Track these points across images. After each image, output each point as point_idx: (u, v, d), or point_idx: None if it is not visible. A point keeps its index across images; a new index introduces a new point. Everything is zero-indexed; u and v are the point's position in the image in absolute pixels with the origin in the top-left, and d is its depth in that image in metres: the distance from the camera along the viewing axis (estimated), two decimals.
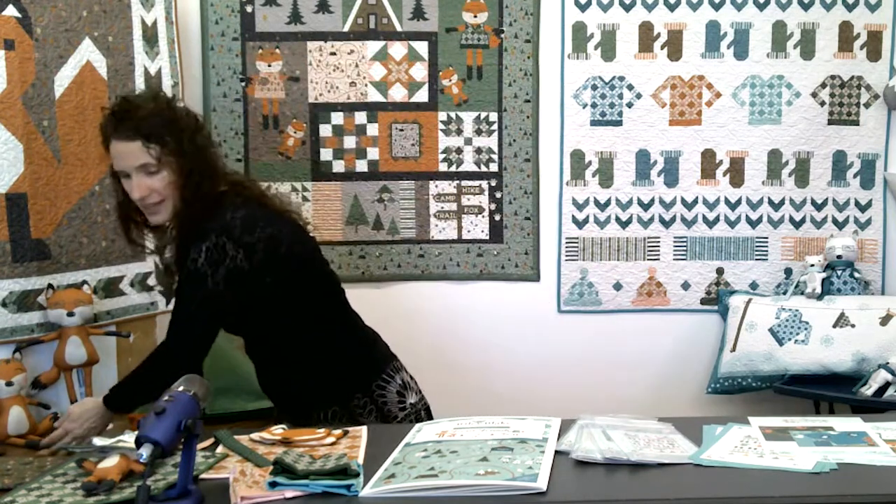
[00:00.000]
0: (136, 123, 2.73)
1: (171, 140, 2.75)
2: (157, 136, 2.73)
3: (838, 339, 4.25)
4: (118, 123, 2.75)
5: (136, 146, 2.71)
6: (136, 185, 2.74)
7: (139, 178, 2.73)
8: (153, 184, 2.74)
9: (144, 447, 1.89)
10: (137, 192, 2.74)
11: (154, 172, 2.73)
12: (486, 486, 1.97)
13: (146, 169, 2.72)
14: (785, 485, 2.02)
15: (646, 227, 4.61)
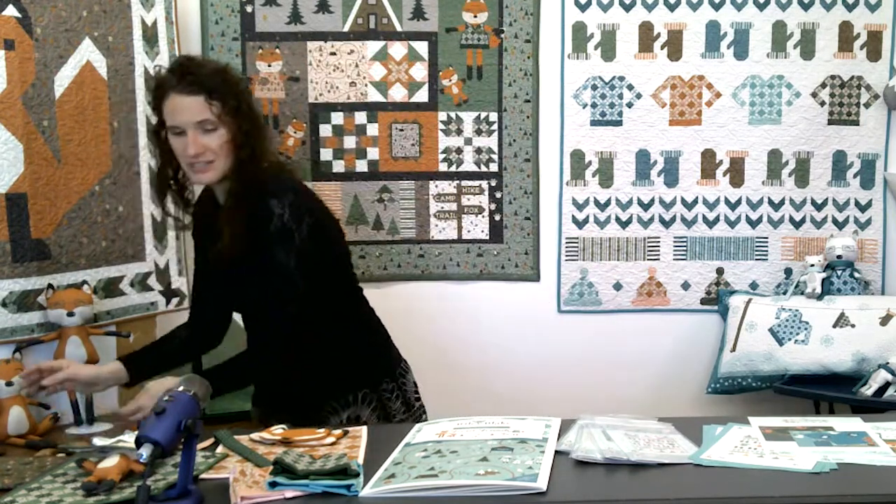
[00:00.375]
0: (200, 78, 2.71)
1: (232, 99, 2.73)
2: (220, 94, 2.71)
3: (838, 339, 4.26)
4: (182, 77, 2.71)
5: (199, 101, 2.69)
6: (191, 140, 2.70)
7: (195, 134, 2.70)
8: (209, 141, 2.71)
9: (144, 447, 1.89)
10: (193, 148, 2.70)
11: (210, 130, 2.70)
12: (486, 486, 1.97)
13: (203, 126, 2.70)
14: (785, 485, 2.02)
15: (646, 227, 4.61)
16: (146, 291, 4.06)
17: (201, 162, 2.73)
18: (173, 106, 2.71)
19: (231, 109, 2.72)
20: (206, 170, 2.74)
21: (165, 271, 4.15)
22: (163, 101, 2.75)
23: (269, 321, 2.82)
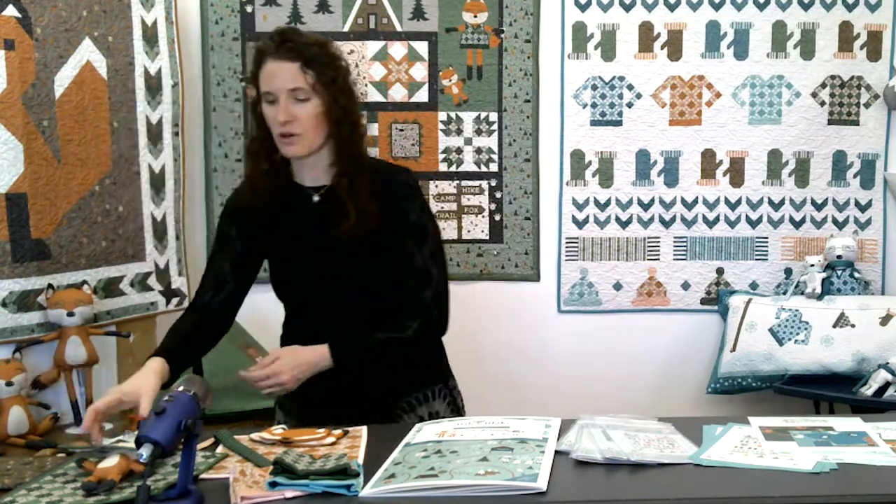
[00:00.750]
0: (298, 46, 2.64)
1: (329, 71, 2.65)
2: (316, 64, 2.63)
3: (838, 339, 4.26)
4: (280, 44, 2.64)
5: (294, 68, 2.61)
6: (282, 107, 2.61)
7: (286, 102, 2.62)
8: (298, 112, 2.62)
9: (144, 447, 1.88)
10: (282, 114, 2.61)
11: (303, 100, 2.62)
12: (486, 486, 1.96)
13: (296, 94, 2.61)
14: (785, 485, 2.01)
15: (646, 227, 4.61)
16: (146, 291, 4.07)
17: (287, 133, 2.64)
18: (268, 72, 2.63)
19: (327, 81, 2.64)
20: (292, 142, 2.64)
21: (165, 271, 4.16)
22: (259, 68, 2.67)
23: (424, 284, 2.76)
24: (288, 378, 2.58)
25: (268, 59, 2.63)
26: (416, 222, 2.75)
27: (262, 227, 2.78)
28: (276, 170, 2.75)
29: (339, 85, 2.67)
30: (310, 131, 2.64)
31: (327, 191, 2.73)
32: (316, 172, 2.74)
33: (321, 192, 2.74)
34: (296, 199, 2.76)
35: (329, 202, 2.71)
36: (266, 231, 2.78)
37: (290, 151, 2.66)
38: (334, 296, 2.72)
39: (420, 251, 2.74)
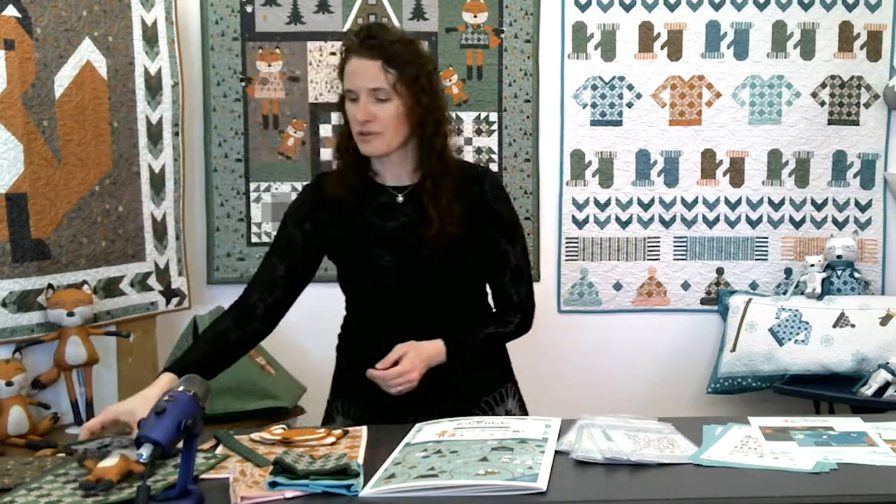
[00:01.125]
0: (381, 44, 2.60)
1: (412, 70, 2.62)
2: (399, 62, 2.59)
3: (838, 339, 4.26)
4: (364, 40, 2.61)
5: (375, 66, 2.58)
6: (361, 106, 2.58)
7: (367, 101, 2.59)
8: (378, 111, 2.59)
9: (144, 447, 1.88)
10: (362, 113, 2.58)
11: (383, 100, 2.59)
12: (486, 486, 1.97)
13: (377, 94, 2.59)
14: (785, 485, 2.02)
15: (646, 227, 4.61)
16: (146, 291, 4.07)
17: (365, 132, 2.61)
18: (352, 69, 2.61)
19: (409, 80, 2.60)
20: (372, 140, 2.62)
21: (165, 271, 4.16)
22: (344, 65, 2.65)
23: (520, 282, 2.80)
24: (417, 374, 2.56)
25: (351, 56, 2.61)
26: (511, 222, 2.79)
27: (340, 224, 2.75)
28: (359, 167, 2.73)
29: (422, 84, 2.63)
30: (389, 131, 2.62)
31: (412, 191, 2.72)
32: (399, 173, 2.73)
33: (405, 192, 2.72)
34: (379, 198, 2.74)
35: (414, 203, 2.70)
36: (345, 229, 2.75)
37: (367, 149, 2.64)
38: (412, 296, 2.71)
39: (514, 250, 2.78)
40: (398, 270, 2.68)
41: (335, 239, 2.75)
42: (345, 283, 2.83)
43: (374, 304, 2.78)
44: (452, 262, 2.68)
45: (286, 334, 4.59)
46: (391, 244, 2.69)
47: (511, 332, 2.79)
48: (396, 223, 2.70)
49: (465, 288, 2.78)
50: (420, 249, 2.65)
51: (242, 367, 3.87)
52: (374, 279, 2.72)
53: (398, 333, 2.65)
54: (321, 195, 2.78)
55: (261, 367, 4.03)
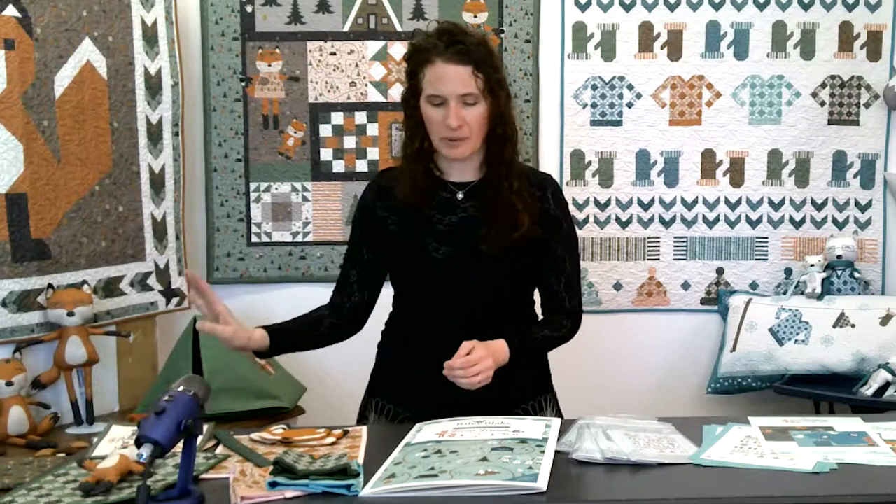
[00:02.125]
0: (468, 48, 2.59)
1: (496, 74, 2.62)
2: (486, 66, 2.59)
3: (838, 339, 4.26)
4: (450, 45, 2.59)
5: (466, 72, 2.56)
6: (454, 112, 2.55)
7: (457, 106, 2.57)
8: (468, 115, 2.58)
9: (144, 447, 1.89)
10: (455, 119, 2.56)
11: (471, 104, 2.58)
12: (486, 486, 1.97)
13: (466, 99, 2.58)
14: (785, 485, 2.02)
15: (646, 227, 4.61)
16: (146, 291, 4.08)
17: (456, 137, 2.60)
18: (438, 74, 2.58)
19: (494, 84, 2.61)
20: (460, 145, 2.61)
21: (165, 271, 4.17)
22: (424, 68, 2.62)
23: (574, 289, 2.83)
24: (493, 365, 2.53)
25: (436, 59, 2.59)
26: (569, 230, 2.83)
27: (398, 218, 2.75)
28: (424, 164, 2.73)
29: (504, 86, 2.66)
30: (476, 133, 2.62)
31: (473, 188, 2.72)
32: (464, 169, 2.73)
33: (467, 189, 2.72)
34: (440, 193, 2.73)
35: (474, 200, 2.70)
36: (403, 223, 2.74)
37: (455, 153, 2.63)
38: (463, 292, 2.69)
39: (571, 258, 2.82)
40: (452, 264, 2.67)
41: (393, 233, 2.74)
42: (397, 277, 2.83)
43: (424, 298, 2.77)
44: (507, 260, 2.66)
45: None
46: (447, 238, 2.68)
47: (563, 336, 2.80)
48: (455, 218, 2.69)
49: (515, 289, 2.77)
50: (476, 245, 2.64)
51: (242, 367, 3.88)
52: (427, 271, 2.71)
53: (445, 332, 2.64)
54: (380, 192, 2.80)
55: (261, 367, 4.03)
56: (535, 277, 2.79)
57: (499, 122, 2.65)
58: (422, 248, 2.68)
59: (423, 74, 2.62)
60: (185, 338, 3.94)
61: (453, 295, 2.69)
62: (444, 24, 2.68)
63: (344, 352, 4.65)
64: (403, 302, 2.85)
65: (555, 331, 2.77)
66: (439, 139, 2.62)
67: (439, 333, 2.66)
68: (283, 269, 4.57)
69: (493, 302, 2.71)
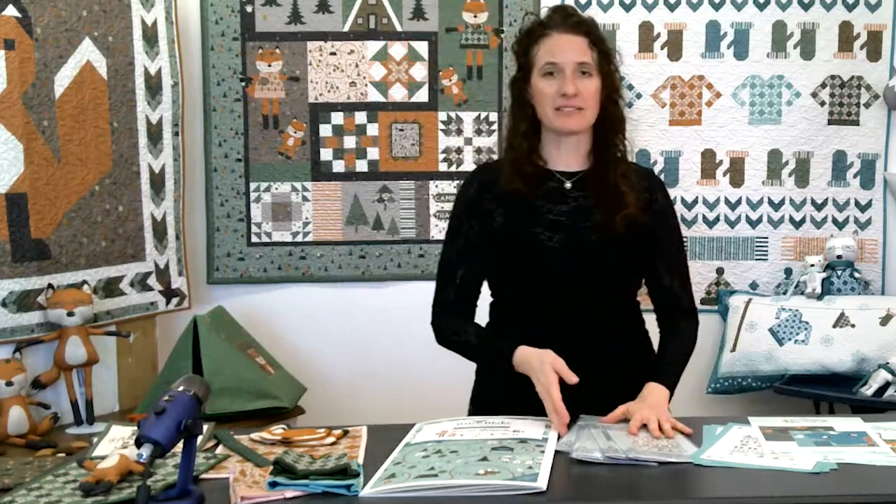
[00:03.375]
0: (583, 20, 2.63)
1: (608, 50, 2.64)
2: (600, 41, 2.62)
3: (838, 339, 4.27)
4: (566, 17, 2.61)
5: (583, 42, 2.58)
6: (570, 79, 2.54)
7: (573, 75, 2.56)
8: (584, 85, 2.57)
9: (144, 447, 1.88)
10: (570, 87, 2.55)
11: (586, 74, 2.58)
12: (486, 486, 1.97)
13: (581, 68, 2.57)
14: (785, 485, 2.02)
15: None
16: (146, 291, 4.09)
17: (571, 106, 2.58)
18: (553, 44, 2.58)
19: (607, 60, 2.62)
20: (575, 115, 2.58)
21: (165, 271, 4.18)
22: (537, 42, 2.61)
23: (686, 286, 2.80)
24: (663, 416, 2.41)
25: (551, 31, 2.60)
26: (677, 226, 2.78)
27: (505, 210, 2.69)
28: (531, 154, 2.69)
29: (614, 63, 2.66)
30: (591, 107, 2.61)
31: (581, 178, 2.69)
32: (571, 159, 2.70)
33: (575, 178, 2.68)
34: (547, 183, 2.69)
35: (583, 189, 2.67)
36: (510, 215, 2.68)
37: (568, 124, 2.61)
38: (574, 282, 2.63)
39: (680, 254, 2.78)
40: (564, 251, 2.61)
41: (500, 225, 2.67)
42: (503, 272, 2.73)
43: (535, 290, 2.67)
44: (619, 250, 2.62)
45: (286, 334, 4.61)
46: (558, 226, 2.63)
47: (692, 344, 2.79)
48: (565, 207, 2.65)
49: (624, 282, 2.72)
50: (588, 233, 2.61)
51: (242, 367, 3.90)
52: (539, 260, 2.63)
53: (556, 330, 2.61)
54: (483, 186, 2.73)
55: (261, 367, 4.04)
56: (644, 270, 2.74)
57: (611, 100, 2.65)
58: (533, 237, 2.62)
59: (536, 48, 2.61)
60: (184, 338, 3.93)
61: (567, 285, 2.62)
62: (557, 5, 2.71)
63: (343, 352, 4.69)
64: (506, 303, 2.78)
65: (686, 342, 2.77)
66: (553, 111, 2.59)
67: (550, 332, 2.62)
68: (283, 269, 4.58)
69: (602, 294, 2.66)
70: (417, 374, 4.55)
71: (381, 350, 4.61)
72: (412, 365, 4.56)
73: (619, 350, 2.67)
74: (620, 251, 2.62)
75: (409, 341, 4.57)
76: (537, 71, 2.61)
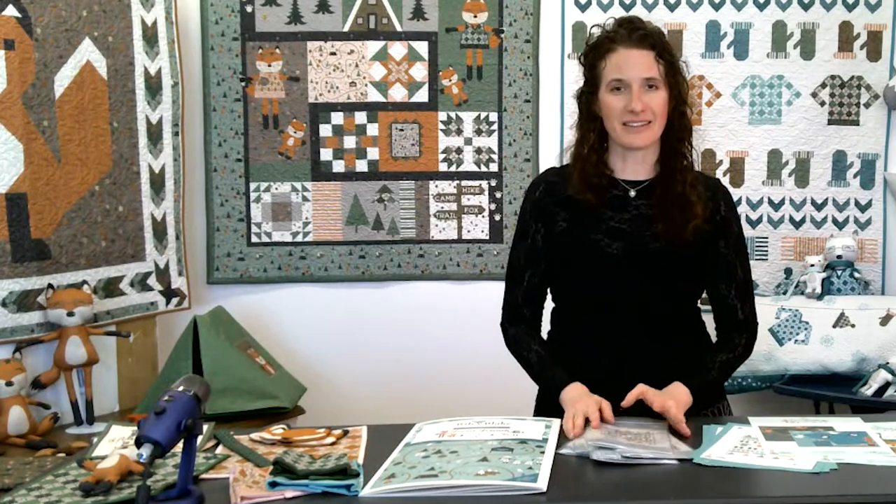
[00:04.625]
0: (649, 34, 2.63)
1: (675, 62, 2.65)
2: (667, 53, 2.62)
3: (838, 339, 4.27)
4: (631, 32, 2.62)
5: (650, 57, 2.59)
6: (636, 95, 2.56)
7: (640, 89, 2.58)
8: (651, 99, 2.58)
9: (144, 447, 1.89)
10: (638, 103, 2.56)
11: (653, 88, 2.59)
12: (486, 487, 1.98)
13: (648, 83, 2.59)
14: (785, 485, 2.03)
15: None
16: (146, 291, 4.09)
17: (640, 121, 2.59)
18: (620, 59, 2.61)
19: (674, 72, 2.63)
20: (643, 130, 2.60)
21: (165, 271, 4.19)
22: (605, 57, 2.64)
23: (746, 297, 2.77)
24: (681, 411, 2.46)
25: (618, 46, 2.61)
26: (739, 236, 2.77)
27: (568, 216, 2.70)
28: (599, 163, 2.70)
29: (682, 76, 2.66)
30: (659, 120, 2.62)
31: (646, 187, 2.70)
32: (638, 167, 2.71)
33: (640, 187, 2.70)
34: (612, 191, 2.70)
35: (647, 198, 2.68)
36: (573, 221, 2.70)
37: (636, 141, 2.62)
38: (635, 290, 2.64)
39: (741, 264, 2.76)
40: (625, 259, 2.62)
41: (563, 229, 2.69)
42: (565, 277, 2.76)
43: (592, 298, 2.70)
44: (681, 261, 2.64)
45: (286, 334, 4.62)
46: (620, 234, 2.64)
47: (740, 354, 2.75)
48: (627, 215, 2.66)
49: (686, 292, 2.76)
50: (650, 242, 2.62)
51: (243, 368, 3.90)
52: (598, 267, 2.65)
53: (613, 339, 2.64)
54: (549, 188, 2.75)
55: (261, 367, 4.05)
56: (704, 280, 2.76)
57: (679, 111, 2.66)
58: (594, 244, 2.64)
59: (604, 63, 2.64)
60: (184, 338, 3.94)
61: (626, 292, 2.63)
62: (622, 17, 2.69)
63: (343, 352, 4.69)
64: (567, 309, 2.81)
65: (730, 352, 2.73)
66: (620, 126, 2.61)
67: (608, 338, 2.66)
68: (282, 269, 4.59)
69: (663, 303, 2.68)
70: (417, 373, 4.56)
71: (382, 350, 4.62)
72: (412, 365, 4.57)
73: (679, 357, 2.68)
74: (681, 260, 2.64)
75: (410, 341, 4.60)
76: (605, 86, 2.64)
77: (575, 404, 2.48)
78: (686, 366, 2.65)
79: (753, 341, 2.79)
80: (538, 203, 2.75)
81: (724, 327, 2.80)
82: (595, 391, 2.55)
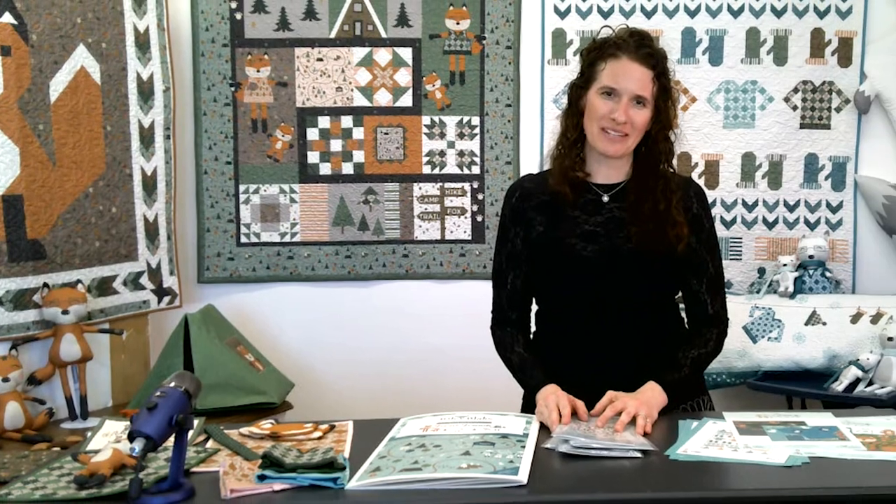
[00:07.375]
0: (655, 55, 2.68)
1: (669, 85, 2.70)
2: (664, 78, 2.67)
3: (810, 337, 4.29)
4: (639, 46, 2.66)
5: (648, 76, 2.64)
6: (623, 107, 2.60)
7: (628, 103, 2.61)
8: (634, 115, 2.62)
9: (137, 441, 1.92)
10: (622, 114, 2.60)
11: (640, 105, 2.63)
12: (468, 479, 2.01)
13: (638, 99, 2.63)
14: (758, 478, 2.07)
15: None
16: (138, 290, 4.11)
17: (618, 132, 2.63)
18: (620, 69, 2.64)
19: (665, 95, 2.68)
20: (618, 141, 2.64)
21: (157, 271, 4.21)
22: (605, 60, 2.67)
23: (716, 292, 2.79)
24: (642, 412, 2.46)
25: (622, 55, 2.64)
26: (711, 231, 2.79)
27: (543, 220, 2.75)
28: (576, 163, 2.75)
29: (672, 100, 2.73)
30: (634, 135, 2.67)
31: (619, 191, 2.74)
32: (611, 172, 2.76)
33: (612, 192, 2.74)
34: (585, 195, 2.74)
35: (620, 202, 2.72)
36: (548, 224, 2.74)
37: (611, 149, 2.66)
38: (610, 292, 2.67)
39: (712, 260, 2.78)
40: (599, 262, 2.66)
41: (540, 233, 2.73)
42: (542, 282, 2.79)
43: (570, 299, 2.74)
44: (654, 260, 2.66)
45: (274, 332, 4.63)
46: (593, 237, 2.68)
47: (712, 349, 2.80)
48: (601, 218, 2.71)
49: (661, 291, 2.77)
50: (623, 244, 2.66)
51: (232, 364, 3.91)
52: (574, 271, 2.69)
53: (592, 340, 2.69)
54: (525, 195, 2.79)
55: (249, 364, 4.06)
56: (678, 280, 2.78)
57: (664, 135, 2.73)
58: (569, 247, 2.68)
59: (603, 65, 2.67)
60: (176, 335, 3.97)
61: (602, 293, 2.67)
62: (635, 29, 2.74)
63: (330, 349, 4.70)
64: (548, 311, 2.85)
65: (702, 347, 2.76)
66: (599, 129, 2.65)
67: (587, 338, 2.71)
68: (271, 269, 4.62)
69: (639, 303, 2.71)
70: (402, 370, 4.58)
71: (367, 347, 4.64)
72: (397, 361, 4.59)
73: (657, 355, 2.71)
74: (654, 261, 2.67)
75: (395, 338, 4.62)
76: (596, 87, 2.67)
77: (546, 398, 2.53)
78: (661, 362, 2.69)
79: (724, 335, 2.83)
80: (515, 208, 2.79)
81: (695, 321, 2.82)
82: (576, 391, 2.58)
